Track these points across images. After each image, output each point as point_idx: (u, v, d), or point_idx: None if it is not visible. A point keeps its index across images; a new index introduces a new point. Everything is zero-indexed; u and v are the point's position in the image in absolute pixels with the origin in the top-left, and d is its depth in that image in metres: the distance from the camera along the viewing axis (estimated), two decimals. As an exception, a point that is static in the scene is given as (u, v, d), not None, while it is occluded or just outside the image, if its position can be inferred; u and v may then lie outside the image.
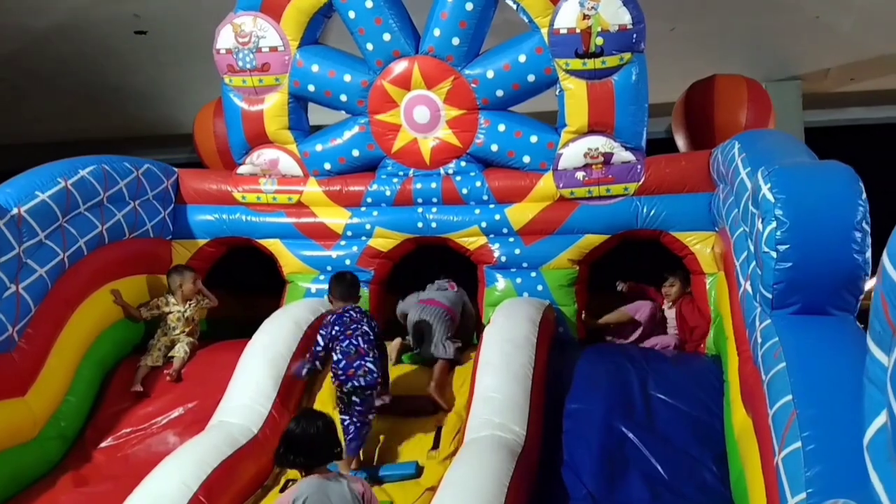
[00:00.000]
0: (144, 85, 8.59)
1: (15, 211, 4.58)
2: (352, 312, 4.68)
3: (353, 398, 4.45)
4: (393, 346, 5.19)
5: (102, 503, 4.15)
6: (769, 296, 3.37)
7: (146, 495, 3.81)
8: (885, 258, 1.53)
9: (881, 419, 1.58)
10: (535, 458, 4.22)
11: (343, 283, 4.92)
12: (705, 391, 4.65)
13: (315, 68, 5.69)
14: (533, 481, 4.07)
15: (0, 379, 4.32)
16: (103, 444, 4.84)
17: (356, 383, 4.44)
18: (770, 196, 3.34)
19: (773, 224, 3.30)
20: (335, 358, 4.53)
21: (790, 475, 2.63)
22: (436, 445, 4.60)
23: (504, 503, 3.57)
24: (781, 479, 2.68)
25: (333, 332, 4.57)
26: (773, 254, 3.31)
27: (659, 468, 4.20)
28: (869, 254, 3.23)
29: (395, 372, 5.00)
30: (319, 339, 4.61)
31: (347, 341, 4.54)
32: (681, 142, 6.39)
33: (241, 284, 6.48)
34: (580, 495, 4.07)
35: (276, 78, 5.75)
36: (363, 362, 4.47)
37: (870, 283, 3.54)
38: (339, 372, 4.49)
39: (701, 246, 5.35)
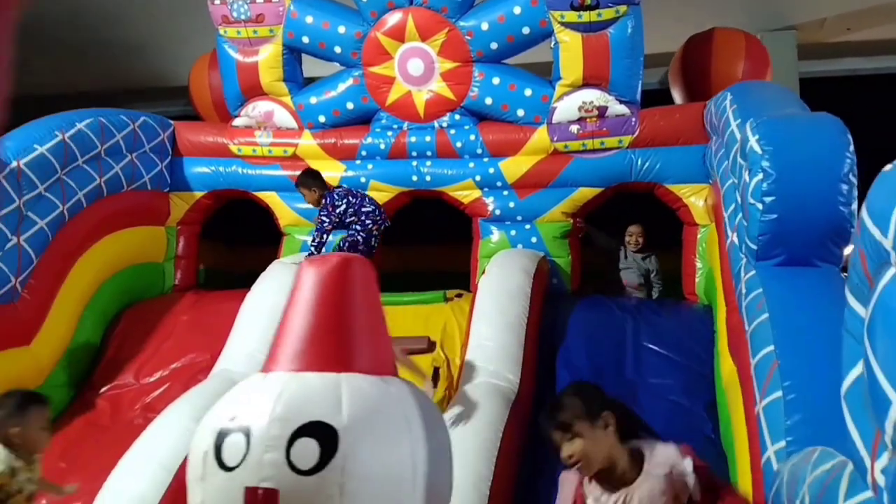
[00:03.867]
0: (139, 37, 8.49)
1: (14, 164, 4.63)
2: (343, 187, 5.50)
3: (373, 240, 5.29)
4: None
5: (109, 448, 4.21)
6: (754, 247, 3.40)
7: (151, 441, 3.87)
8: (864, 211, 1.55)
9: (858, 369, 1.60)
10: (529, 406, 4.27)
11: (320, 175, 5.44)
12: (696, 341, 4.69)
13: (309, 19, 5.66)
14: (526, 427, 4.12)
15: (5, 329, 4.43)
16: (108, 392, 4.94)
17: (386, 224, 5.39)
18: (757, 148, 3.35)
19: (760, 176, 3.32)
20: (369, 209, 5.32)
21: (770, 424, 2.68)
22: (434, 386, 4.69)
23: (499, 448, 3.64)
24: (762, 428, 2.74)
25: (345, 204, 5.26)
26: (759, 205, 3.33)
27: (651, 417, 4.20)
28: (855, 206, 3.25)
29: (392, 314, 5.14)
30: (325, 219, 5.26)
31: (368, 199, 5.39)
32: (677, 94, 6.35)
33: (238, 237, 6.51)
34: (571, 444, 4.14)
35: (271, 29, 5.73)
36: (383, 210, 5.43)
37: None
38: (378, 217, 5.33)
39: (695, 198, 5.38)
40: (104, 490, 3.60)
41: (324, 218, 5.26)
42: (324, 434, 1.50)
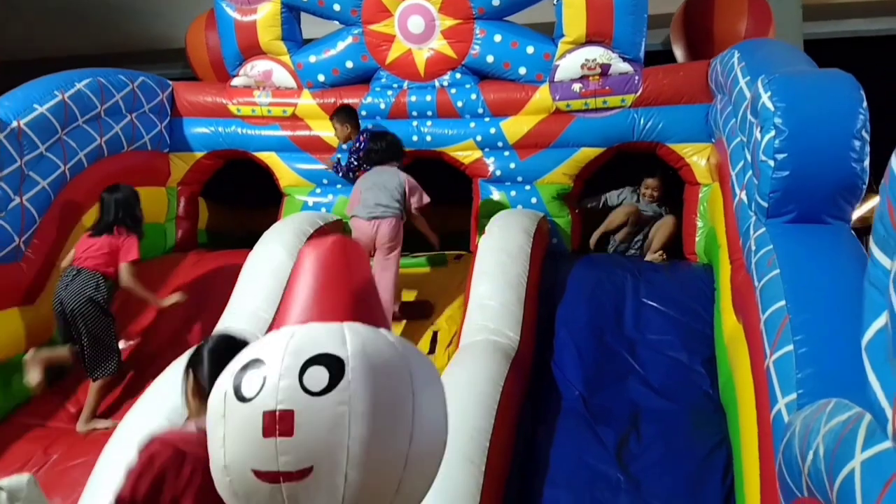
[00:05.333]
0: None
1: (14, 124, 4.63)
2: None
3: None
4: None
5: (116, 401, 4.27)
6: (765, 204, 3.39)
7: (156, 395, 3.87)
8: (893, 160, 1.53)
9: (881, 321, 1.59)
10: (529, 362, 4.31)
11: (356, 114, 5.66)
12: (696, 299, 4.72)
13: (308, -23, 5.60)
14: (526, 383, 4.18)
15: (11, 287, 4.49)
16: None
17: None
18: (770, 104, 3.32)
19: (772, 133, 3.30)
20: None
21: (781, 377, 2.69)
22: (432, 350, 4.72)
23: (498, 403, 3.66)
24: (772, 381, 2.75)
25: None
26: (771, 162, 3.31)
27: (649, 373, 4.29)
28: (867, 162, 3.23)
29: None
30: (354, 161, 5.55)
31: None
32: (679, 52, 6.30)
33: (240, 198, 6.50)
34: (572, 397, 4.18)
35: (269, -13, 5.67)
36: None
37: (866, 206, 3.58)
38: None
39: (697, 157, 5.37)
40: (109, 445, 3.62)
41: (353, 161, 5.51)
42: (331, 362, 1.65)
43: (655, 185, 5.75)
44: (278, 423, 1.60)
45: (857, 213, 3.41)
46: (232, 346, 2.36)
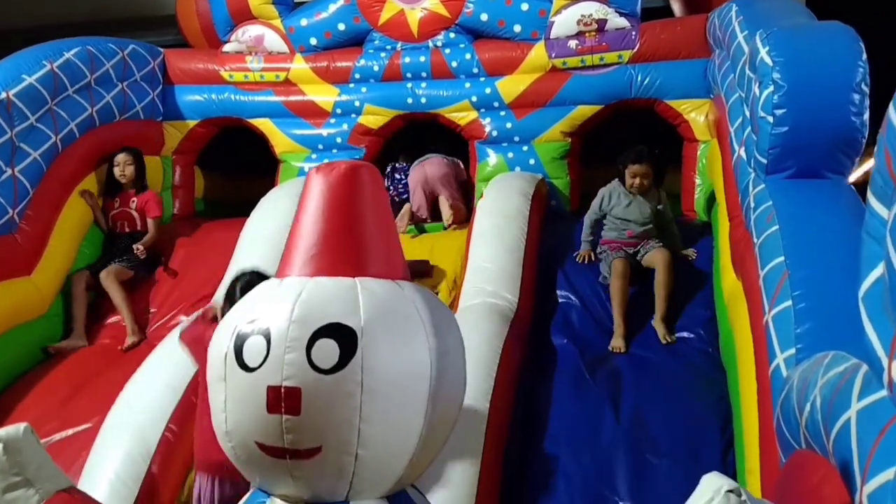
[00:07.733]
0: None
1: (3, 95, 4.58)
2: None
3: None
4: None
5: (112, 376, 4.27)
6: (764, 161, 3.37)
7: (156, 364, 3.88)
8: (890, 109, 1.50)
9: (878, 271, 1.57)
10: (528, 324, 4.32)
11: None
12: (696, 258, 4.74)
13: (297, -63, 5.51)
14: (525, 344, 4.19)
15: (5, 259, 4.46)
16: (110, 320, 4.98)
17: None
18: (768, 59, 3.29)
19: (771, 88, 3.26)
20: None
21: (780, 332, 2.68)
22: None
23: (497, 364, 3.68)
24: (771, 337, 2.74)
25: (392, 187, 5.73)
26: (770, 118, 3.28)
27: (649, 332, 4.30)
28: (867, 116, 3.20)
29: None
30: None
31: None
32: (677, 7, 6.22)
33: (235, 166, 6.46)
34: (571, 357, 4.19)
35: (257, -52, 5.59)
36: None
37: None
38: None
39: (695, 114, 5.31)
40: (106, 424, 3.62)
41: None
42: (342, 334, 1.54)
43: (644, 172, 4.51)
44: (284, 401, 1.51)
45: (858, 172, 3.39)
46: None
